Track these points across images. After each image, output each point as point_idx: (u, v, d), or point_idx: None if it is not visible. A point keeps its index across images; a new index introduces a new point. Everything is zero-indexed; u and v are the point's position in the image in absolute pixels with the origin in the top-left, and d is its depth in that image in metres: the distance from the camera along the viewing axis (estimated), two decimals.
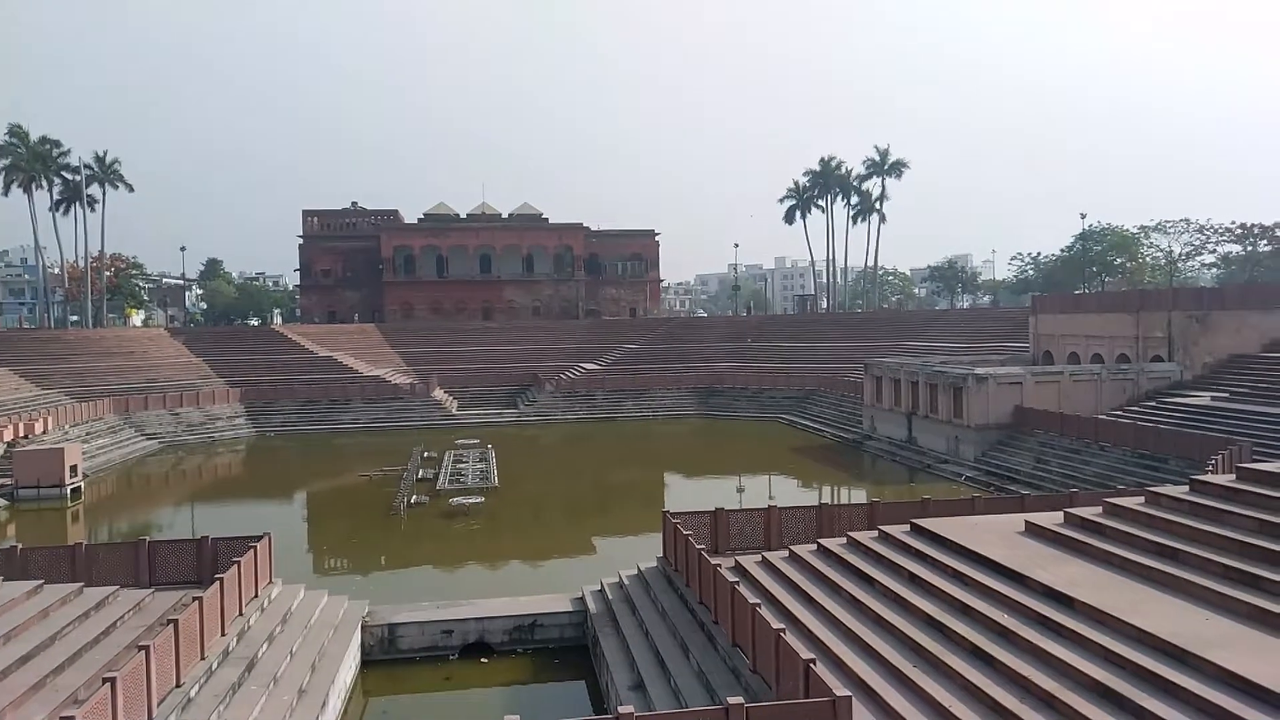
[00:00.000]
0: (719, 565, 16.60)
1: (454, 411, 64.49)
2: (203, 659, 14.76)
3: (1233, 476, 16.03)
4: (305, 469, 48.94)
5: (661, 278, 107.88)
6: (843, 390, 58.65)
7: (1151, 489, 16.96)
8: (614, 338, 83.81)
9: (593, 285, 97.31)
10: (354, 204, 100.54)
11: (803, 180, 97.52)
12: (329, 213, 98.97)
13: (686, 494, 40.61)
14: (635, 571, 20.90)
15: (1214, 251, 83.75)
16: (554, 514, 36.92)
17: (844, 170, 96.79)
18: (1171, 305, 45.24)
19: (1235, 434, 30.70)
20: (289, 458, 52.12)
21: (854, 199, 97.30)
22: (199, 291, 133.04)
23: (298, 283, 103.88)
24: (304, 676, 15.95)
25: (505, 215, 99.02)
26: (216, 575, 16.75)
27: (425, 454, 45.55)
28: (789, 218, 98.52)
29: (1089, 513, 16.69)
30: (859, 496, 36.33)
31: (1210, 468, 24.70)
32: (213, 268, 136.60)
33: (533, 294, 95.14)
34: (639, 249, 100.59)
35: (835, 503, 24.84)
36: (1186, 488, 16.17)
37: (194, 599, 15.15)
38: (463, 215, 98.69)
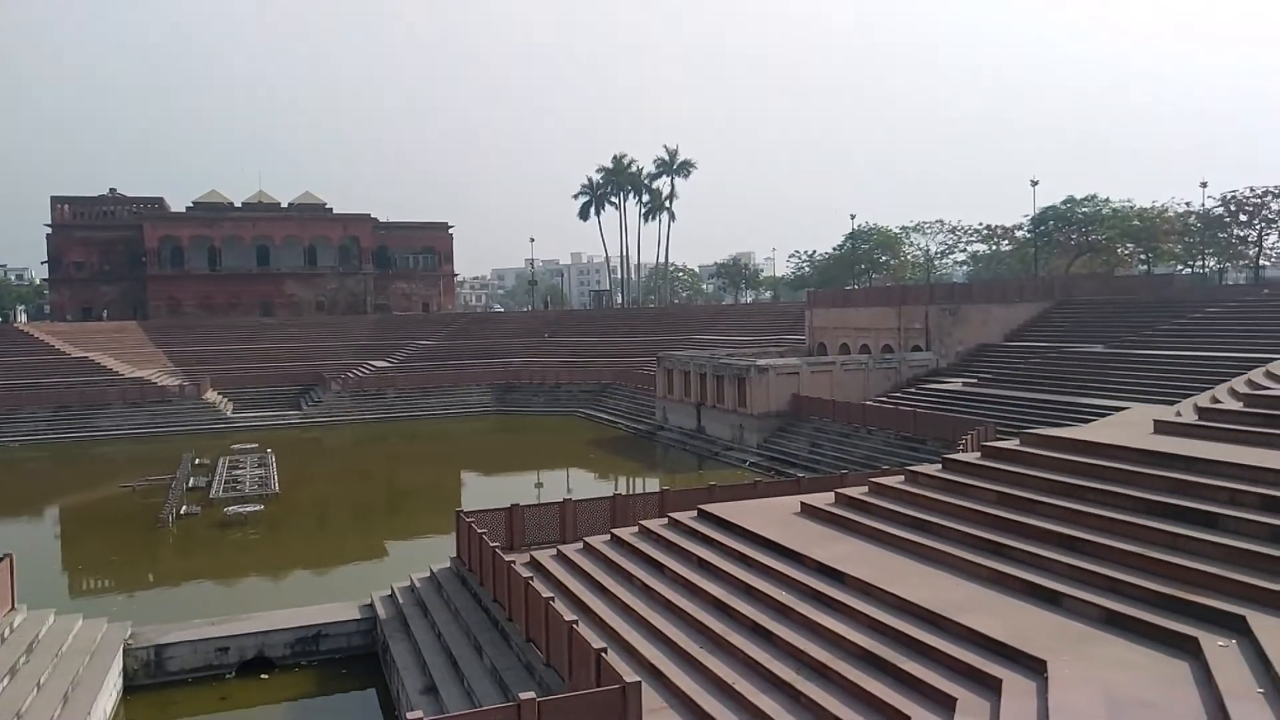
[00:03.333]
0: (513, 561, 16.53)
1: (229, 414, 60.44)
2: None
3: (978, 454, 17.75)
4: (57, 482, 44.29)
5: (456, 272, 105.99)
6: (637, 383, 59.99)
7: (910, 468, 18.47)
8: (406, 334, 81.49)
9: (382, 279, 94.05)
10: (112, 190, 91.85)
11: (596, 177, 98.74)
12: (83, 200, 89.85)
13: (484, 492, 40.11)
14: (428, 573, 20.44)
15: (965, 250, 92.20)
16: (342, 519, 35.44)
17: (635, 168, 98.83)
18: (929, 300, 49.50)
19: (982, 415, 34.00)
20: (37, 470, 46.98)
21: (645, 197, 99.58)
22: None
23: (46, 276, 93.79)
24: (53, 710, 14.45)
25: (285, 204, 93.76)
26: None
27: (196, 461, 42.42)
28: (584, 214, 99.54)
29: (857, 492, 17.94)
30: (652, 485, 37.25)
31: (961, 447, 27.20)
32: None
33: (316, 288, 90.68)
34: (432, 242, 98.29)
35: (630, 493, 25.30)
36: (940, 466, 17.72)
37: None
38: (237, 204, 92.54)
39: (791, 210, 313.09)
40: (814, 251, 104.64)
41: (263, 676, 18.01)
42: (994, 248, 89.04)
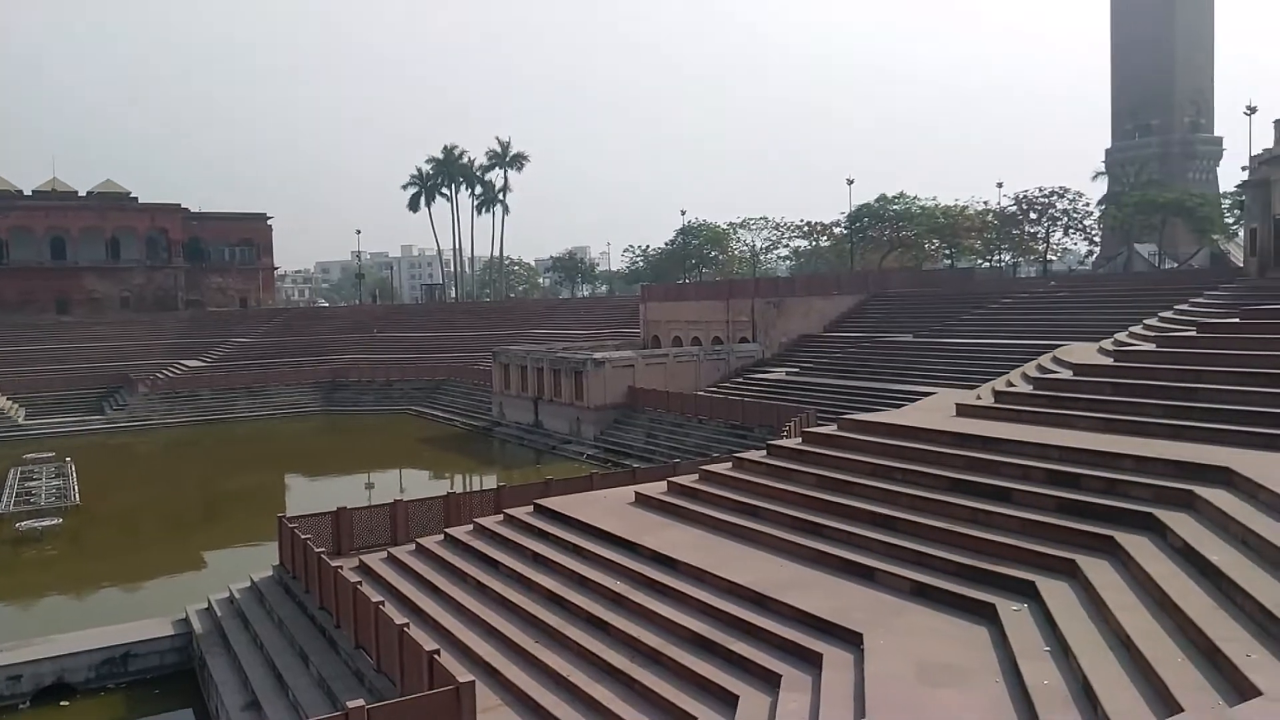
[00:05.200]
0: (341, 566, 15.98)
1: (20, 421, 55.19)
2: None
3: (800, 440, 18.57)
4: None
5: (277, 265, 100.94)
6: (472, 379, 59.14)
7: (738, 455, 19.10)
8: (222, 331, 77.09)
9: (195, 273, 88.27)
10: None
11: (426, 168, 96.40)
12: None
13: (310, 495, 38.47)
14: (248, 583, 19.44)
15: (787, 246, 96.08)
16: (153, 530, 33.10)
17: (467, 160, 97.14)
18: (754, 293, 51.42)
19: (804, 402, 35.63)
20: None
21: (478, 189, 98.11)
22: None
23: None
24: None
25: (83, 193, 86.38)
26: None
27: None
28: (413, 205, 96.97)
29: (688, 480, 18.39)
30: (489, 482, 36.73)
31: (785, 433, 28.38)
32: None
33: (121, 283, 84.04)
34: (249, 233, 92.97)
35: (466, 490, 24.91)
36: (765, 452, 18.42)
37: None
38: (27, 192, 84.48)
39: (625, 205, 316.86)
40: (647, 246, 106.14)
41: (63, 704, 16.63)
42: (814, 243, 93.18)
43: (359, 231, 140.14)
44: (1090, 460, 13.44)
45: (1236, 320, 19.48)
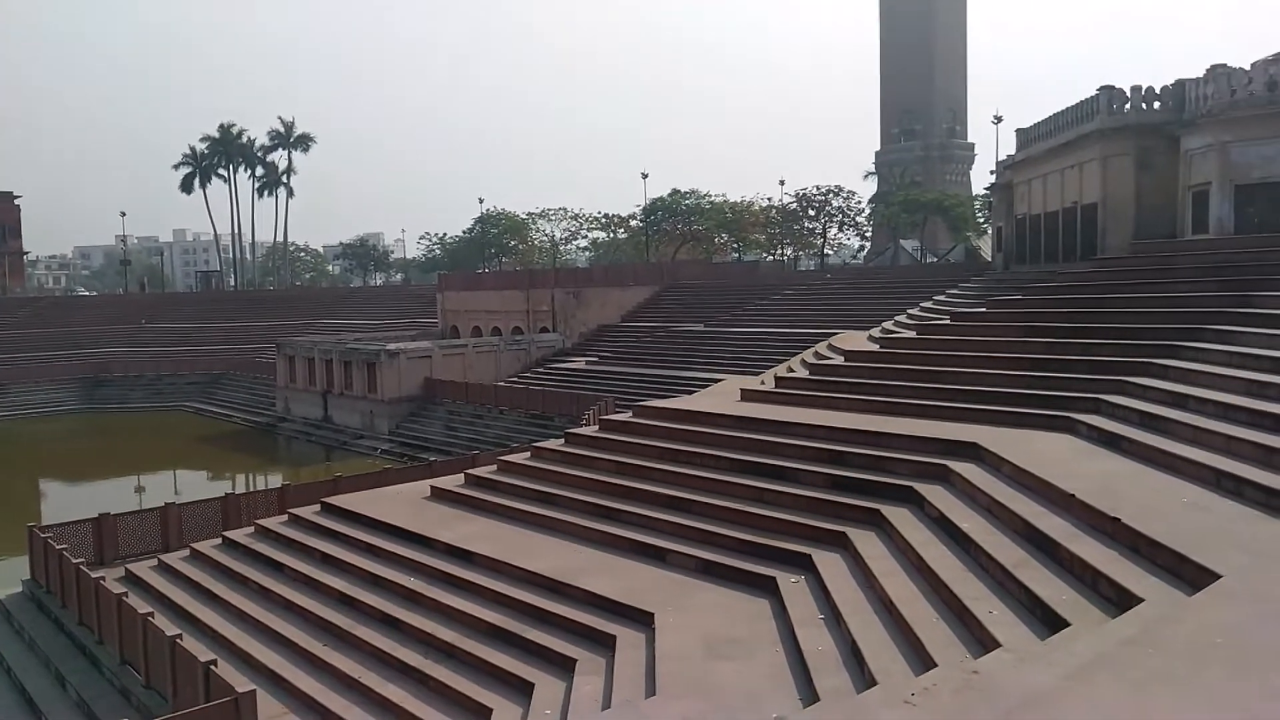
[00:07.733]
0: (104, 578, 14.73)
1: None
2: None
3: (597, 428, 18.87)
4: None
5: (27, 249, 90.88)
6: (255, 372, 55.93)
7: (536, 444, 19.16)
8: None
9: None
10: None
11: (201, 147, 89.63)
12: None
13: (70, 502, 34.91)
14: None
15: (586, 237, 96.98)
16: None
17: (247, 139, 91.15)
18: (554, 284, 51.67)
19: (603, 391, 36.22)
20: None
21: (259, 171, 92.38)
22: None
23: None
24: None
25: None
26: None
27: None
28: (186, 186, 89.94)
29: (486, 472, 18.26)
30: (275, 482, 34.87)
31: (584, 421, 28.73)
32: None
33: None
34: None
35: (248, 491, 23.50)
36: (563, 440, 18.59)
37: None
38: None
39: (421, 191, 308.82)
40: (445, 234, 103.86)
41: None
42: (612, 235, 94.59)
43: (123, 214, 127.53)
44: (859, 439, 14.49)
45: (984, 310, 21.57)
